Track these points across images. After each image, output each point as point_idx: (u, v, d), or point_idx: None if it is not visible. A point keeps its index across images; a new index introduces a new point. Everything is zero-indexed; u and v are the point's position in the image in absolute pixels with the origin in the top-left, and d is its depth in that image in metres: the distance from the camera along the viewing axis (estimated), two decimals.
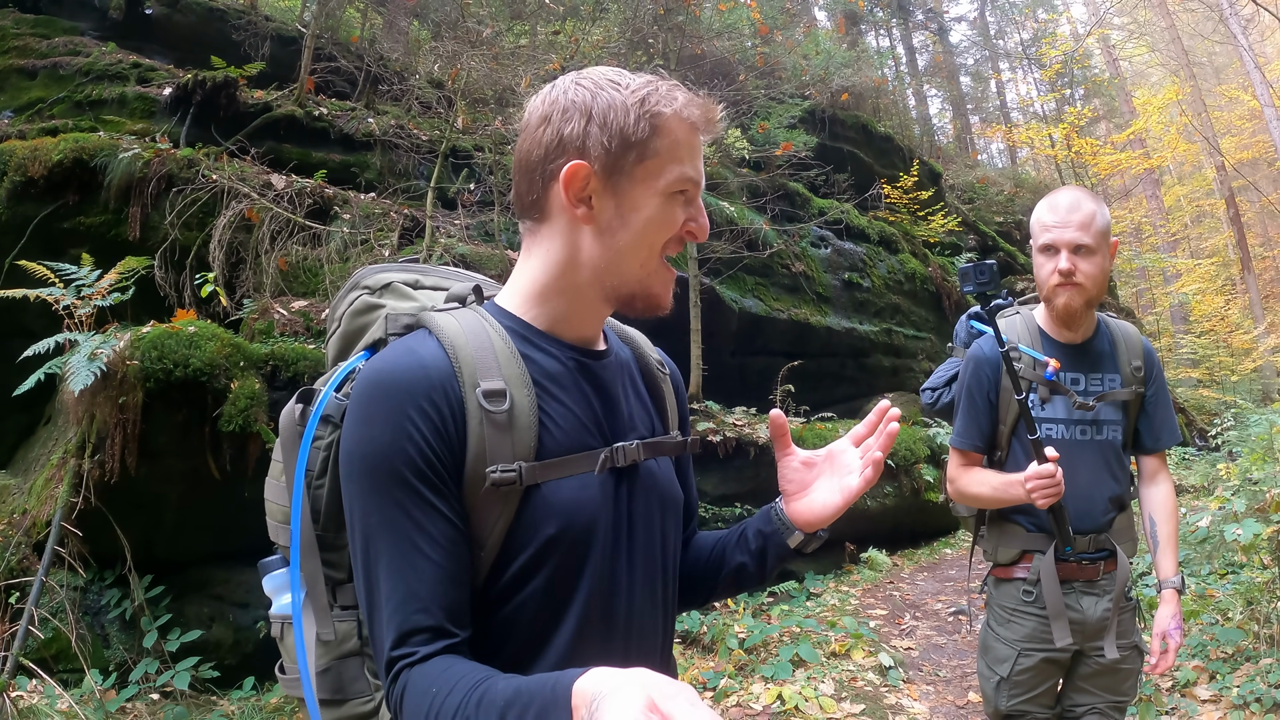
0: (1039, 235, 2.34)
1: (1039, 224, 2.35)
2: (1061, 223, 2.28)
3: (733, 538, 1.35)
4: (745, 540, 1.32)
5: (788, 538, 1.28)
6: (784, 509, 1.29)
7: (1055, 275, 2.29)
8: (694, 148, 1.15)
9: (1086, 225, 2.27)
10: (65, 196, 5.60)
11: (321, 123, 7.31)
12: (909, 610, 6.67)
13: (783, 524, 1.28)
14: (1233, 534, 4.05)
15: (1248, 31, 15.32)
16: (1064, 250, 2.27)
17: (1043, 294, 2.39)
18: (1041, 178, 22.42)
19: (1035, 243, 2.37)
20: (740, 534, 1.34)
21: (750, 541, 1.32)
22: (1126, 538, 2.44)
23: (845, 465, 1.27)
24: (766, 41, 12.38)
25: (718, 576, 1.35)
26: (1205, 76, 23.90)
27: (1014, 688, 2.42)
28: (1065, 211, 2.28)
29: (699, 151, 1.16)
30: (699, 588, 1.37)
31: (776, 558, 1.30)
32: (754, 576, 1.33)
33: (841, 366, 10.28)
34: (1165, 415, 2.49)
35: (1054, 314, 2.39)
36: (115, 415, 4.12)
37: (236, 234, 5.84)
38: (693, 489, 1.44)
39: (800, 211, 10.56)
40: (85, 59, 7.11)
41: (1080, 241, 2.27)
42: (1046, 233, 2.31)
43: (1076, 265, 2.27)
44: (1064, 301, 2.32)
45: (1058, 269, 2.28)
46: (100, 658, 4.14)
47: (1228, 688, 4.07)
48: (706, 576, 1.37)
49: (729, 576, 1.34)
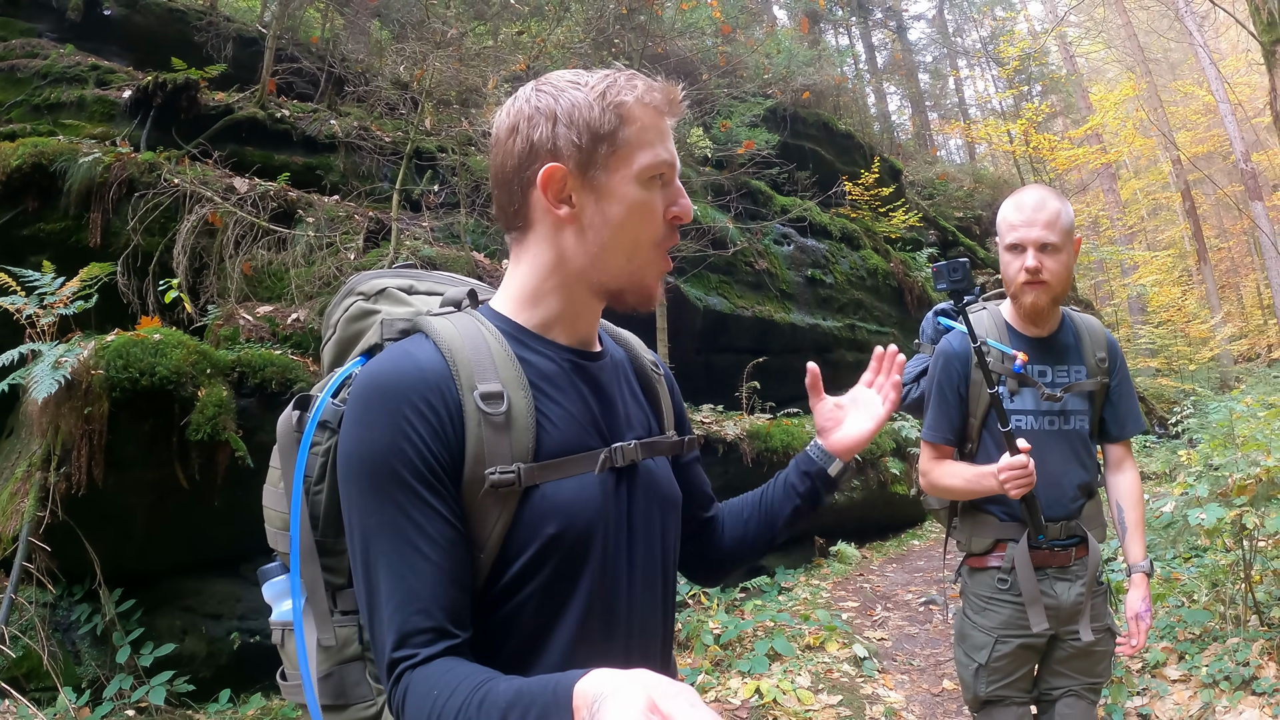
0: (1006, 234, 2.39)
1: (1005, 223, 2.39)
2: (1028, 221, 2.32)
3: (776, 491, 1.47)
4: (791, 487, 1.45)
5: (829, 467, 1.44)
6: (822, 444, 1.46)
7: (1022, 273, 2.34)
8: (662, 130, 1.17)
9: (1052, 224, 2.32)
10: (24, 202, 5.48)
11: (284, 125, 7.22)
12: (880, 601, 6.75)
13: (824, 456, 1.44)
14: (1196, 518, 4.15)
15: (1203, 28, 15.70)
16: (1030, 249, 2.32)
17: (1010, 291, 2.44)
18: (1000, 173, 22.77)
19: (1002, 241, 2.41)
20: (783, 484, 1.47)
21: (797, 485, 1.45)
22: (1096, 524, 2.52)
23: (868, 401, 1.49)
24: (728, 41, 12.42)
25: (774, 529, 1.47)
26: (1161, 72, 24.44)
27: (992, 674, 2.47)
28: (1031, 210, 2.33)
29: (668, 134, 1.18)
30: (754, 545, 1.49)
31: (820, 490, 1.45)
32: (805, 515, 1.46)
33: (806, 362, 10.34)
34: (1129, 405, 2.57)
35: (1021, 311, 2.44)
36: (81, 426, 4.04)
37: (200, 239, 5.74)
38: (702, 478, 1.51)
39: (763, 209, 10.62)
40: (43, 61, 6.94)
41: (1046, 240, 2.32)
42: (1013, 231, 2.35)
43: (1043, 263, 2.33)
44: (1031, 300, 2.37)
45: (1025, 267, 2.33)
46: (73, 675, 4.06)
47: (1196, 667, 4.17)
48: (761, 534, 1.47)
49: (785, 524, 1.46)
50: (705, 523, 1.50)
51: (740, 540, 1.48)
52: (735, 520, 1.50)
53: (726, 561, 1.51)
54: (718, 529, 1.50)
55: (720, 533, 1.50)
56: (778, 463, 7.32)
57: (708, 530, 1.50)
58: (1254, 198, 14.30)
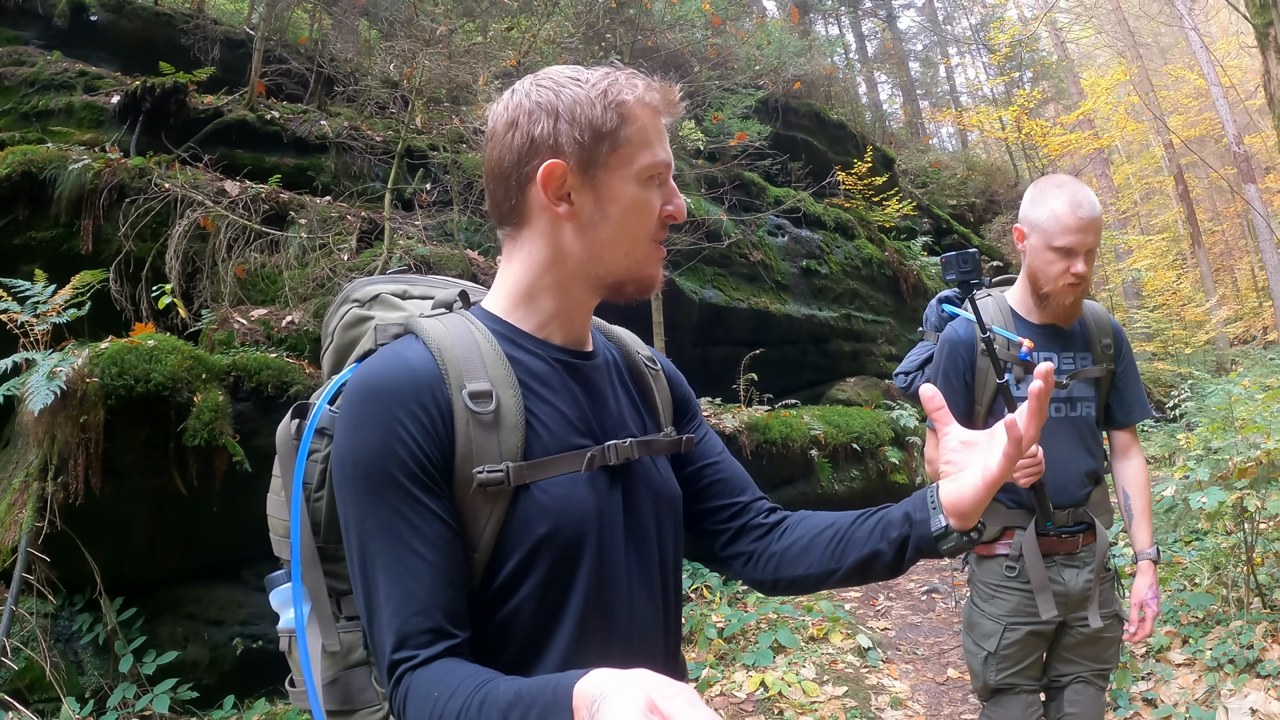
0: (1057, 235, 2.30)
1: (1059, 224, 2.30)
2: (1084, 227, 2.28)
3: (870, 522, 1.22)
4: (888, 526, 1.19)
5: (931, 526, 1.14)
6: (937, 494, 1.15)
7: (1070, 277, 2.31)
8: (660, 131, 1.18)
9: (1099, 228, 2.32)
10: (15, 211, 5.42)
11: (274, 127, 7.17)
12: (882, 591, 6.76)
13: (931, 510, 1.15)
14: (1198, 502, 4.15)
15: (1193, 11, 15.69)
16: (1082, 255, 2.30)
17: (1046, 289, 2.38)
18: (993, 160, 22.78)
19: (1050, 240, 2.32)
20: (880, 518, 1.21)
21: (894, 528, 1.18)
22: (1103, 510, 2.51)
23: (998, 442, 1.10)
24: (719, 33, 12.35)
25: (841, 563, 1.23)
26: (1152, 57, 24.45)
27: (1001, 661, 2.47)
28: (1088, 216, 2.28)
29: (665, 134, 1.19)
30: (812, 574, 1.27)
31: (916, 550, 1.17)
32: (889, 567, 1.21)
33: (803, 353, 10.36)
34: (1135, 391, 2.57)
35: (1059, 309, 2.42)
36: (77, 435, 4.00)
37: (192, 243, 5.70)
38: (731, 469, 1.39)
39: (757, 201, 10.60)
40: (30, 69, 6.89)
41: (1094, 246, 2.32)
42: (1068, 235, 2.29)
43: (1088, 267, 2.32)
44: (1073, 301, 2.38)
45: (1074, 272, 2.30)
46: (76, 685, 4.03)
47: (1201, 651, 4.18)
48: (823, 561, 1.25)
49: (857, 565, 1.22)
50: (748, 520, 1.35)
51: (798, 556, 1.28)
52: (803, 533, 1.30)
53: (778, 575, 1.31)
54: (776, 534, 1.33)
55: (779, 539, 1.32)
56: (777, 454, 7.31)
57: (754, 531, 1.35)
58: (1247, 180, 14.30)
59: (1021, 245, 2.44)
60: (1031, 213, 2.38)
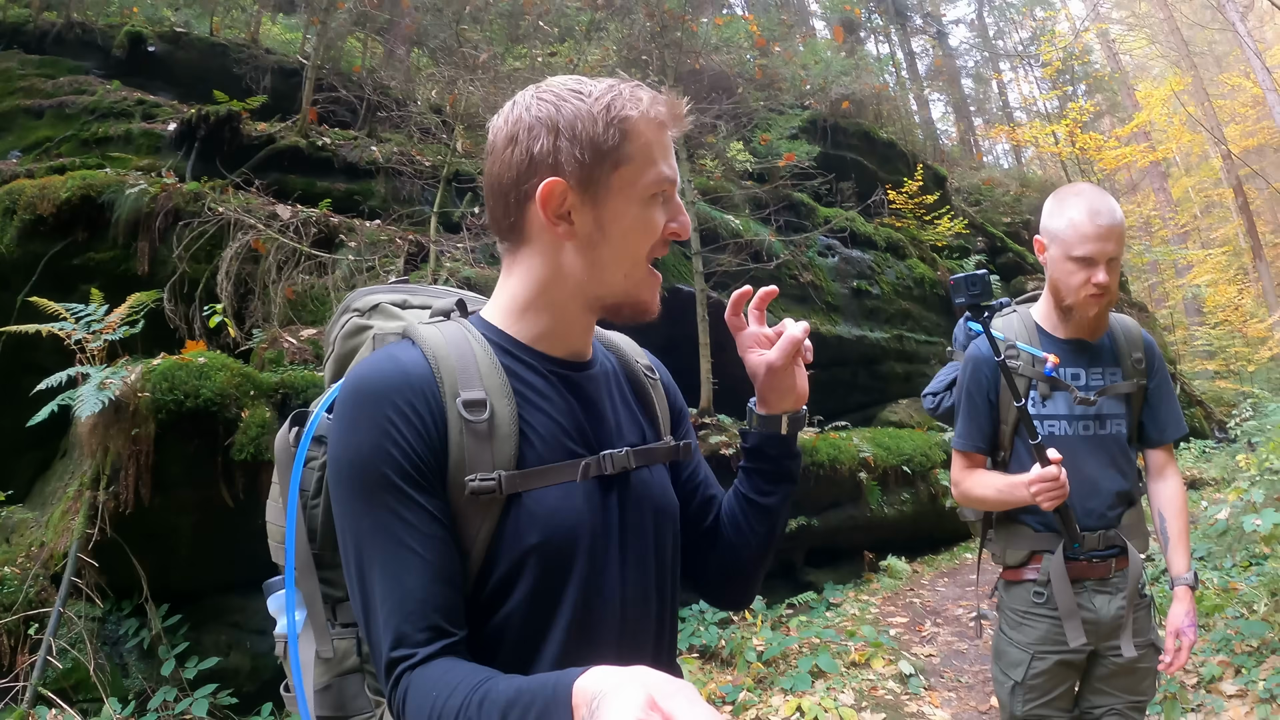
0: (1076, 245, 2.24)
1: (1077, 233, 2.23)
2: (1103, 235, 2.21)
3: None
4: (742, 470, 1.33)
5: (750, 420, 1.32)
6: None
7: (1091, 287, 2.24)
8: (665, 146, 1.14)
9: (1121, 236, 2.24)
10: (74, 233, 5.66)
11: (325, 152, 7.37)
12: (929, 617, 6.61)
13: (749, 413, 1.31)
14: (1252, 524, 4.00)
15: (1245, 18, 15.28)
16: (1103, 264, 2.23)
17: (1069, 301, 2.31)
18: (1048, 176, 22.35)
19: (1069, 250, 2.26)
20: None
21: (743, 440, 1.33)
22: (1137, 534, 2.40)
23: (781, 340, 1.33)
24: (765, 53, 12.38)
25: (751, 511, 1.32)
26: (1206, 66, 23.79)
27: (1029, 692, 2.38)
28: (1107, 223, 2.21)
29: (670, 149, 1.16)
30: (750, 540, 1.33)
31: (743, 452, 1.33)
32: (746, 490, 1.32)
33: (854, 375, 10.22)
34: (1169, 407, 2.45)
35: (1084, 322, 2.34)
36: (128, 447, 4.16)
37: (244, 265, 5.89)
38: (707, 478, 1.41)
39: (805, 221, 10.55)
40: (90, 97, 7.21)
41: (1116, 254, 2.24)
42: (1086, 244, 2.22)
43: (1111, 277, 2.25)
44: (1097, 312, 2.29)
45: (1097, 283, 2.23)
46: (119, 687, 4.15)
47: (1253, 681, 4.01)
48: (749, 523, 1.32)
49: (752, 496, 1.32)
50: (711, 529, 1.37)
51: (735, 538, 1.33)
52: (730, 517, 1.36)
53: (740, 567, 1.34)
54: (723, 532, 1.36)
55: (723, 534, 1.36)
56: (824, 477, 7.23)
57: (714, 536, 1.37)
58: None
59: (1043, 257, 2.36)
60: (1050, 223, 2.31)
